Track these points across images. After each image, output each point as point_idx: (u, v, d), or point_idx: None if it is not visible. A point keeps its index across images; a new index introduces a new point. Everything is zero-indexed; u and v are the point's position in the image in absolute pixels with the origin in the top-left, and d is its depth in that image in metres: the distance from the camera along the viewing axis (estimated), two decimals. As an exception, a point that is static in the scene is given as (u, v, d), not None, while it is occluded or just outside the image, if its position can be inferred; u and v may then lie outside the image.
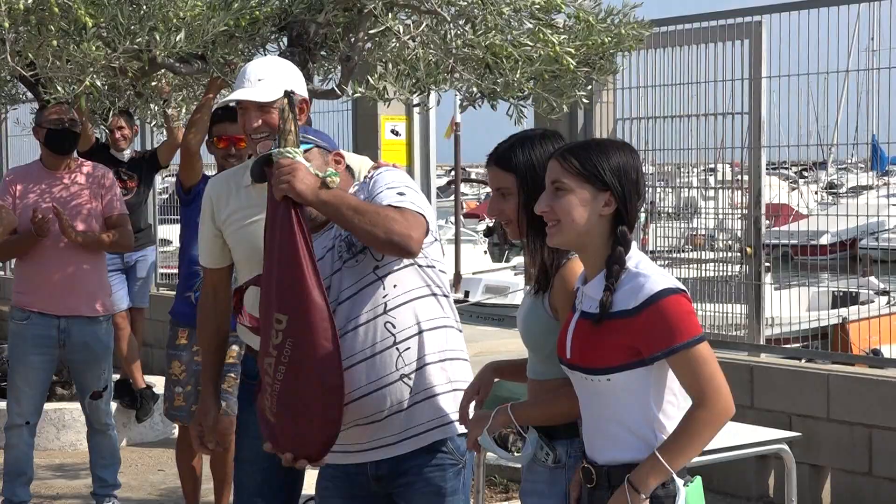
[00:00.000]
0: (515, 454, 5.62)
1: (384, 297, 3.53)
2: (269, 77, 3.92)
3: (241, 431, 4.13)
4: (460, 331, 3.72)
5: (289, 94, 3.37)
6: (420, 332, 3.55)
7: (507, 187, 3.39)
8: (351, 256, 3.54)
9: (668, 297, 2.89)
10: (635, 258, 3.00)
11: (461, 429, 3.58)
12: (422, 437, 3.56)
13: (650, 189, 7.74)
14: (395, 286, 3.54)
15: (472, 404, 3.49)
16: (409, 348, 3.53)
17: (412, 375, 3.53)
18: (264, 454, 4.00)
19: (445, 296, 3.67)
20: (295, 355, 3.38)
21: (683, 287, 2.96)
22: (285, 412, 3.43)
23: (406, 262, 3.56)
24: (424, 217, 3.49)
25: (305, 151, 3.53)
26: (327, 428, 3.42)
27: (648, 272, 2.95)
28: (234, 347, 5.73)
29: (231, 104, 4.81)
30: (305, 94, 4.00)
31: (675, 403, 2.98)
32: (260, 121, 3.91)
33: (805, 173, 10.79)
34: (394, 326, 3.53)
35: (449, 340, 3.62)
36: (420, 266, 3.59)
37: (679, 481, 2.94)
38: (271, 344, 3.40)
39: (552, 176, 3.04)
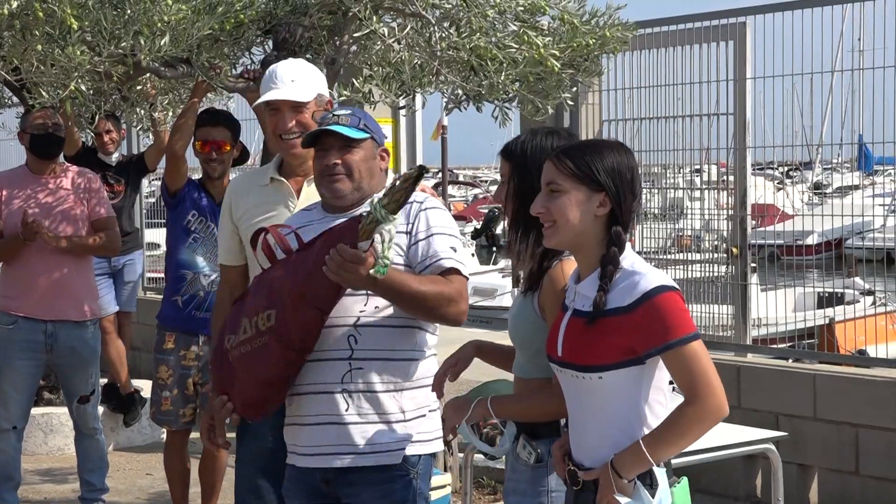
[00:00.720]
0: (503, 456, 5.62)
1: (360, 311, 3.52)
2: (300, 78, 3.98)
3: (241, 433, 4.15)
4: (434, 354, 3.71)
5: (422, 168, 3.33)
6: (381, 360, 3.53)
7: (504, 174, 3.44)
8: None
9: (663, 294, 2.90)
10: (630, 258, 3.01)
11: (414, 449, 3.59)
12: (359, 458, 3.55)
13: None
14: (375, 307, 3.53)
15: (448, 376, 3.52)
16: (361, 368, 3.52)
17: (357, 395, 3.52)
18: (262, 455, 4.03)
19: (428, 331, 3.66)
20: (257, 354, 3.50)
21: (676, 285, 2.97)
22: (231, 371, 3.58)
23: None
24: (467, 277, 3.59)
25: (362, 141, 3.58)
26: (248, 405, 3.60)
27: (643, 270, 2.96)
28: (170, 370, 5.74)
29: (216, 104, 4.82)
30: (328, 95, 4.06)
31: (663, 403, 2.99)
32: (294, 121, 3.96)
33: (791, 174, 10.82)
34: (356, 342, 3.52)
35: (411, 372, 3.59)
36: None
37: (660, 472, 2.94)
38: (253, 322, 3.51)
39: (547, 177, 3.04)
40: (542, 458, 3.33)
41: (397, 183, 3.29)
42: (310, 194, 4.03)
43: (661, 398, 2.99)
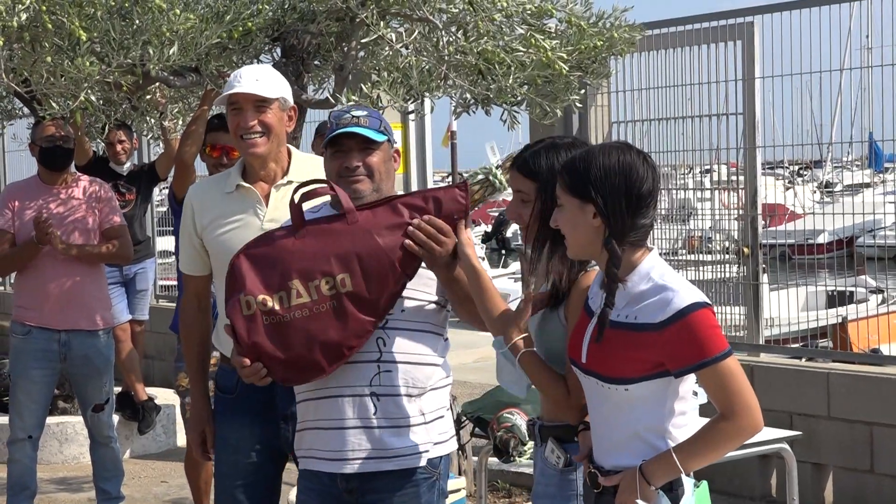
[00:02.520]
0: (517, 459, 5.64)
1: (388, 314, 3.50)
2: (264, 78, 3.92)
3: (220, 446, 4.07)
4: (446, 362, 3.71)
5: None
6: (407, 363, 3.52)
7: (527, 192, 3.37)
8: None
9: (696, 311, 2.86)
10: (659, 268, 2.96)
11: (436, 451, 3.59)
12: (386, 462, 3.52)
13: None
14: (402, 311, 3.52)
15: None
16: (389, 371, 3.50)
17: (383, 399, 3.49)
18: (242, 469, 3.97)
19: (445, 339, 3.66)
20: (323, 318, 3.41)
21: (709, 300, 2.92)
22: (272, 334, 3.45)
23: (433, 297, 3.56)
24: None
25: (382, 143, 3.55)
26: (297, 369, 3.47)
27: (675, 286, 2.91)
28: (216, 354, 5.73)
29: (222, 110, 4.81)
30: (291, 102, 4.02)
31: (685, 412, 2.98)
32: (256, 120, 3.89)
33: (802, 172, 10.81)
34: (384, 344, 3.50)
35: (431, 377, 3.58)
36: (440, 305, 3.60)
37: (687, 482, 2.94)
38: (315, 286, 3.42)
39: (557, 191, 3.03)
40: (571, 462, 3.32)
41: (514, 156, 3.35)
42: (278, 200, 3.95)
43: (684, 406, 2.97)
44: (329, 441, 3.54)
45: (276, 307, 3.43)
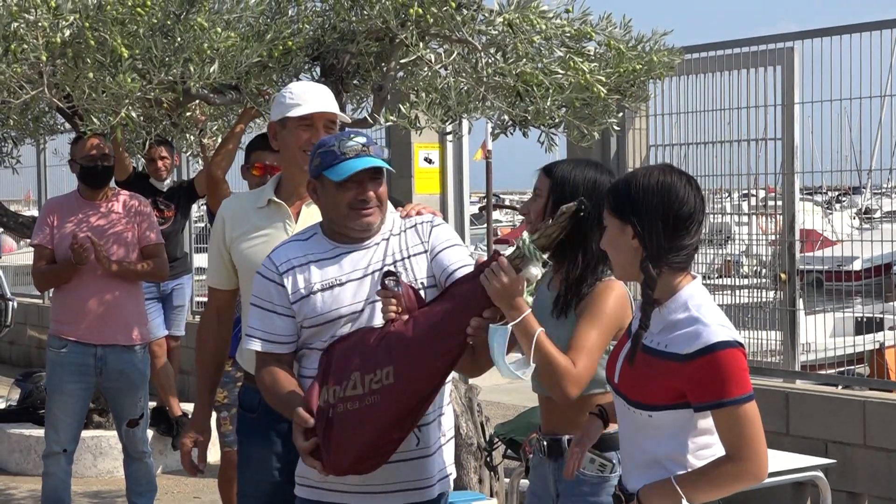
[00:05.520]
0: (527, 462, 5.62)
1: None
2: (331, 100, 3.97)
3: (243, 465, 4.05)
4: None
5: (581, 203, 3.20)
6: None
7: (541, 188, 3.54)
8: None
9: (725, 350, 2.82)
10: (697, 299, 2.93)
11: (453, 471, 3.60)
12: (427, 491, 3.50)
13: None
14: None
15: None
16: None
17: (423, 429, 3.46)
18: (266, 489, 3.93)
19: None
20: (368, 414, 3.25)
21: (741, 340, 2.89)
22: (329, 427, 3.29)
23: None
24: None
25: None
26: (349, 464, 3.31)
27: (708, 319, 2.87)
28: (224, 392, 5.72)
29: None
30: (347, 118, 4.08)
31: (710, 445, 2.94)
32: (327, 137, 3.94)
33: (841, 198, 10.74)
34: None
35: (443, 396, 3.57)
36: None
37: None
38: (367, 379, 3.26)
39: (604, 212, 3.05)
40: (614, 469, 3.38)
41: (552, 223, 3.17)
42: (307, 216, 3.95)
43: (709, 438, 2.94)
44: (368, 476, 3.39)
45: (340, 396, 3.28)
